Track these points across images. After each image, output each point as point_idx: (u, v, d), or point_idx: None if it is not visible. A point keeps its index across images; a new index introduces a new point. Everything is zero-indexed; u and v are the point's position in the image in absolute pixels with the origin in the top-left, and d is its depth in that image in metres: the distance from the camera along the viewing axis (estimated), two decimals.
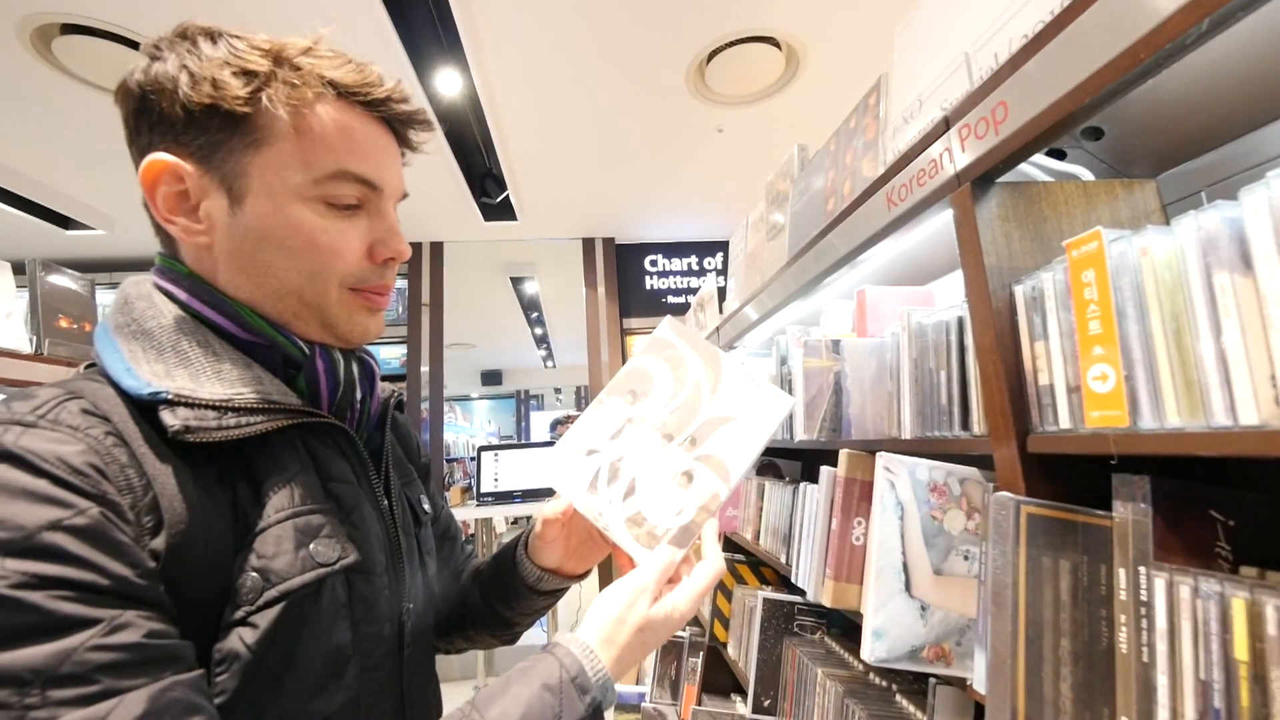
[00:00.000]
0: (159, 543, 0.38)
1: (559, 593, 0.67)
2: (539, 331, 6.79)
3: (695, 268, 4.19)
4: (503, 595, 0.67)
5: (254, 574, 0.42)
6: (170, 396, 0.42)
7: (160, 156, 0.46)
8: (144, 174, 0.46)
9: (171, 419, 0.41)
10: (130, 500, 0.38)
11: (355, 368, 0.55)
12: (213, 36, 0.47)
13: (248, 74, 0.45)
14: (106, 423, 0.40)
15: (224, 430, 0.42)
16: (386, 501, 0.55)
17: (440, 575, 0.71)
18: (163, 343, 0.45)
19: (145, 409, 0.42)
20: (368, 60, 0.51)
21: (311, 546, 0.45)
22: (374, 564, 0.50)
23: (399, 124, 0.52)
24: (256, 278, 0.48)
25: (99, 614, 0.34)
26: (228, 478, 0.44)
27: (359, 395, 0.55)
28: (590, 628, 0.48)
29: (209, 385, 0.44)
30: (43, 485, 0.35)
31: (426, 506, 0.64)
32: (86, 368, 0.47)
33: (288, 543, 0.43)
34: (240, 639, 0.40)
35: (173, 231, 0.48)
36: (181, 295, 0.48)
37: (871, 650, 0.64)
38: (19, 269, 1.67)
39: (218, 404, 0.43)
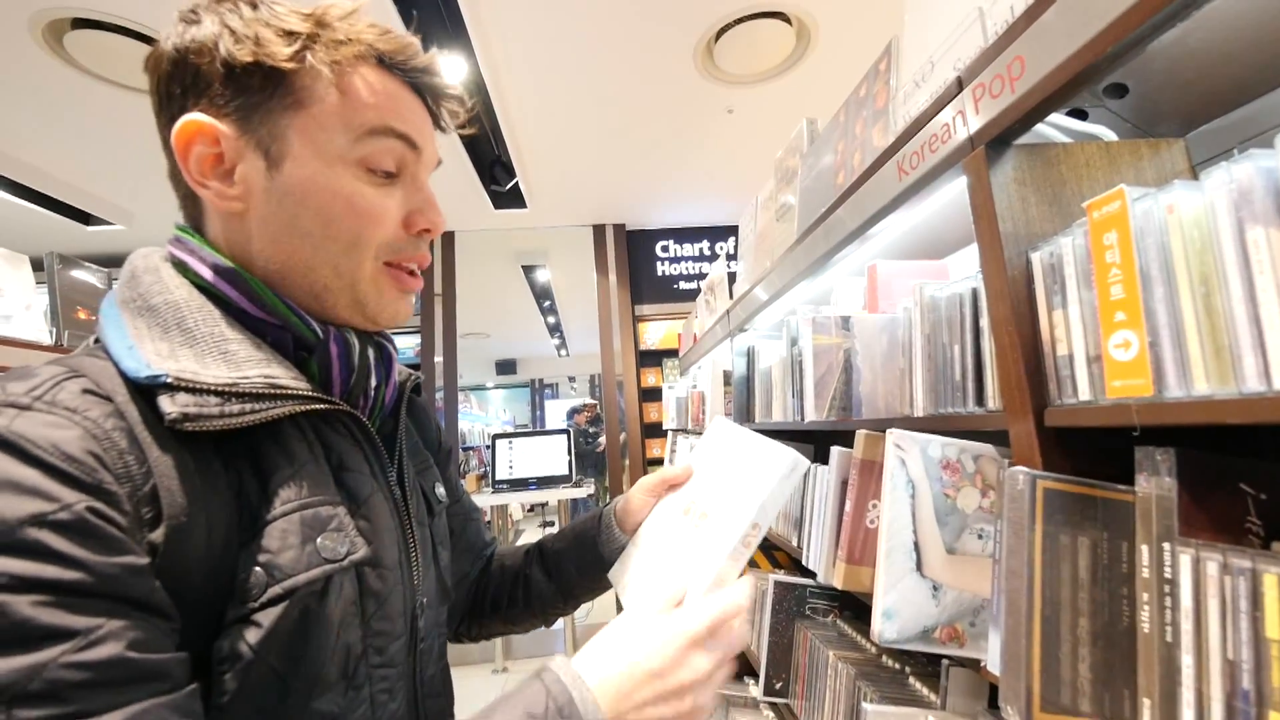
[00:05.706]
0: (157, 535, 0.36)
1: None
2: (552, 320, 6.80)
3: (707, 253, 4.14)
4: (581, 565, 0.69)
5: (259, 569, 0.40)
6: (170, 380, 0.39)
7: (196, 117, 0.44)
8: (178, 135, 0.44)
9: (170, 406, 0.38)
10: (129, 489, 0.36)
11: (372, 352, 0.52)
12: (252, 1, 0.46)
13: (290, 34, 0.44)
14: (108, 403, 0.37)
15: (226, 419, 0.40)
16: (400, 491, 0.53)
17: (459, 560, 0.71)
18: (168, 319, 0.42)
19: (144, 391, 0.39)
20: None
21: (319, 540, 0.42)
22: (386, 557, 0.48)
23: (433, 98, 0.52)
24: (290, 246, 0.47)
25: (78, 623, 0.31)
26: (233, 465, 0.42)
27: (374, 382, 0.52)
28: (586, 657, 0.44)
29: (214, 367, 0.41)
30: (32, 476, 0.32)
31: (440, 494, 0.62)
32: (95, 342, 0.44)
33: (294, 536, 0.41)
34: (243, 637, 0.38)
35: (205, 196, 0.46)
36: (195, 265, 0.46)
37: (881, 631, 0.62)
38: (38, 264, 1.70)
39: (221, 388, 0.40)
